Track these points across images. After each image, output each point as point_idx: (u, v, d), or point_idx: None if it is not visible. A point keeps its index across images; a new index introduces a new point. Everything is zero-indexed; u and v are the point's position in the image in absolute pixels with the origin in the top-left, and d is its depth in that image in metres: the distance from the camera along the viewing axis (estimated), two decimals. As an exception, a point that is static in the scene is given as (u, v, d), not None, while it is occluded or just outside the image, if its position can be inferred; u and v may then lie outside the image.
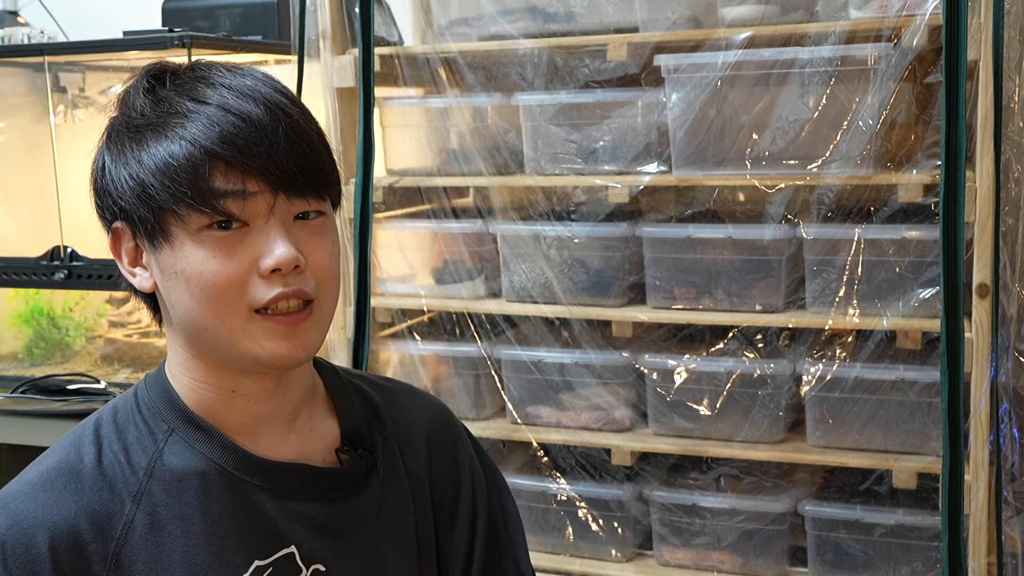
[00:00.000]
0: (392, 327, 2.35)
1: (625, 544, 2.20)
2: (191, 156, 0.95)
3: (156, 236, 0.98)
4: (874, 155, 1.92)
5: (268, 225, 0.97)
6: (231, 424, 1.03)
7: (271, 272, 0.96)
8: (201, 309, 0.97)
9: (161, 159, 0.95)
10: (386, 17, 2.34)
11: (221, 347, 0.99)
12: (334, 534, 1.05)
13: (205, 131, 0.95)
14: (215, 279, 0.96)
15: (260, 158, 0.95)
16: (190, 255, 0.96)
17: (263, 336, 0.97)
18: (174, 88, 1.00)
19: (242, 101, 0.97)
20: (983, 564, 1.86)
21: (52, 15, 3.13)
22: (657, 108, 2.08)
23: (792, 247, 2.04)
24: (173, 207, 0.95)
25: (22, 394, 2.47)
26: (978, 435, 1.84)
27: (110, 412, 1.05)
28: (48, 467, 1.00)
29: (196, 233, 0.96)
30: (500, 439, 2.32)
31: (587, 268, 2.18)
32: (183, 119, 0.96)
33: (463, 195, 2.36)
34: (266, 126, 0.96)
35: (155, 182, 0.95)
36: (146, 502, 0.98)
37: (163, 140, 0.96)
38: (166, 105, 0.98)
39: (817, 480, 2.16)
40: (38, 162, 2.70)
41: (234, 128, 0.95)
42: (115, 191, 0.99)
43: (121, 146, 0.99)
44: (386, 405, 1.16)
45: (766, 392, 2.06)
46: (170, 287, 0.99)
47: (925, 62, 1.93)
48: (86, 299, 2.79)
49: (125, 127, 1.00)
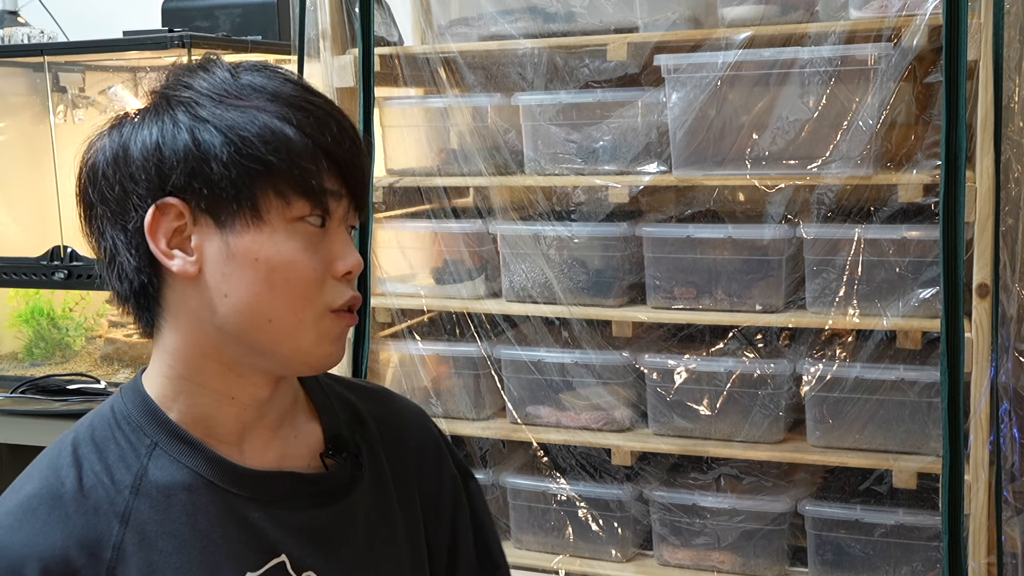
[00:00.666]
0: (392, 327, 2.35)
1: (625, 544, 2.20)
2: (305, 146, 0.95)
3: (241, 215, 0.94)
4: (874, 155, 1.92)
5: (339, 229, 0.99)
6: (219, 432, 1.01)
7: (343, 275, 0.98)
8: (276, 299, 0.95)
9: (279, 131, 0.94)
10: (386, 17, 2.34)
11: (275, 341, 0.97)
12: (323, 540, 1.04)
13: (317, 125, 0.96)
14: (306, 272, 0.96)
15: (352, 166, 0.98)
16: (282, 243, 0.95)
17: (326, 335, 0.98)
18: (250, 73, 0.98)
19: (330, 106, 0.99)
20: (983, 564, 1.86)
21: (52, 15, 3.13)
22: (657, 108, 2.08)
23: (792, 247, 2.04)
24: (283, 188, 0.94)
25: (22, 394, 2.47)
26: (978, 435, 1.84)
27: (87, 431, 1.01)
28: (28, 494, 0.96)
29: (292, 222, 0.95)
30: (500, 439, 2.32)
31: (587, 268, 2.18)
32: (286, 106, 0.95)
33: (463, 195, 2.36)
34: (354, 136, 0.99)
35: (273, 157, 0.93)
36: (134, 521, 0.95)
37: (273, 117, 0.95)
38: (258, 88, 0.96)
39: (817, 480, 2.16)
40: (38, 162, 2.71)
41: (338, 131, 0.97)
42: (177, 162, 0.94)
43: (194, 112, 0.95)
44: (366, 408, 1.15)
45: (766, 392, 2.06)
46: (234, 273, 0.95)
47: (925, 62, 1.94)
48: (86, 299, 2.79)
49: (202, 94, 0.96)
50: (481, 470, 2.31)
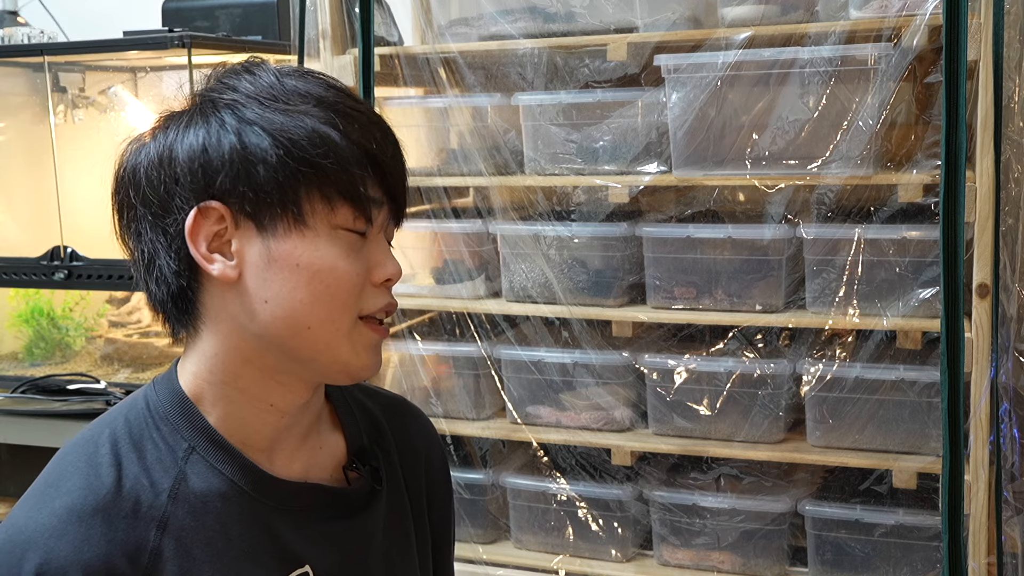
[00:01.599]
0: (392, 327, 2.35)
1: (625, 544, 2.20)
2: (353, 154, 0.95)
3: (284, 219, 0.94)
4: (874, 155, 1.92)
5: (379, 237, 1.00)
6: (253, 440, 1.01)
7: (383, 283, 0.99)
8: (315, 305, 0.95)
9: (328, 136, 0.94)
10: (386, 17, 2.34)
11: (315, 349, 0.96)
12: (346, 551, 1.04)
13: (364, 134, 0.96)
14: (347, 279, 0.95)
15: (394, 176, 0.99)
16: (324, 249, 0.95)
17: (362, 344, 0.98)
18: (295, 79, 0.98)
19: (374, 116, 0.99)
20: (983, 564, 1.86)
21: (52, 15, 3.13)
22: (657, 108, 2.08)
23: (792, 247, 2.04)
24: (331, 193, 0.94)
25: (22, 394, 2.47)
26: (978, 435, 1.84)
27: (124, 426, 0.99)
28: (72, 496, 0.94)
29: (333, 229, 0.95)
30: (500, 439, 2.32)
31: (587, 268, 2.18)
32: (333, 112, 0.95)
33: (463, 195, 2.36)
34: (395, 145, 0.99)
35: (325, 161, 0.93)
36: (171, 527, 0.95)
37: (320, 123, 0.94)
38: (302, 94, 0.96)
39: (817, 480, 2.16)
40: (38, 162, 2.70)
41: (383, 141, 0.98)
42: (226, 164, 0.94)
43: (242, 115, 0.95)
44: (384, 417, 1.16)
45: (766, 392, 2.06)
46: (276, 279, 0.95)
47: (925, 62, 1.93)
48: (86, 299, 2.79)
49: (248, 97, 0.96)
50: (481, 470, 2.31)
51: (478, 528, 2.31)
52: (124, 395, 2.40)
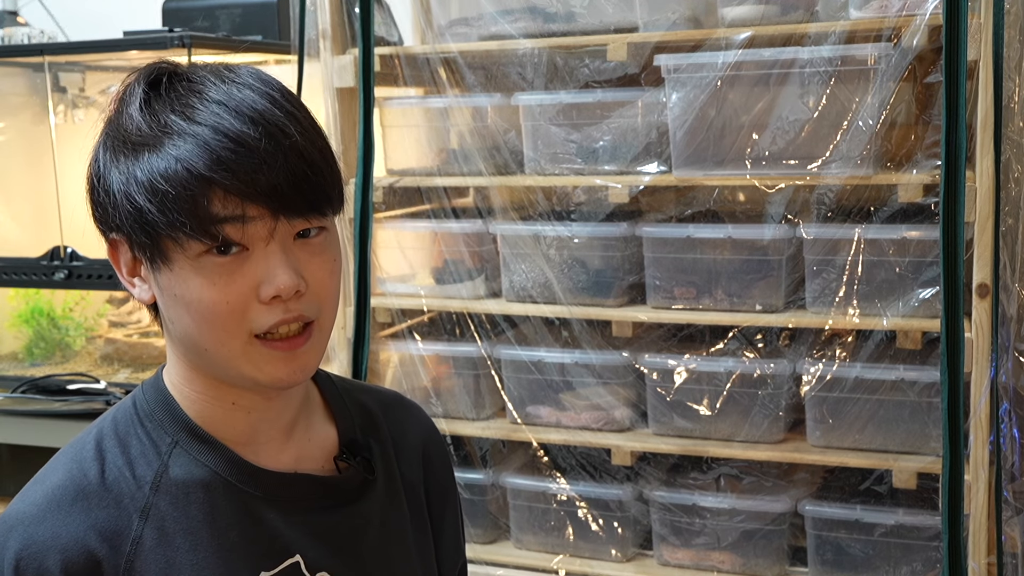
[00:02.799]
0: (392, 327, 2.35)
1: (625, 544, 2.20)
2: (187, 183, 0.91)
3: (155, 259, 0.95)
4: (874, 155, 1.92)
5: (268, 249, 0.94)
6: (232, 434, 1.02)
7: (272, 299, 0.94)
8: (200, 332, 0.95)
9: (158, 184, 0.92)
10: (386, 17, 2.34)
11: (220, 367, 0.97)
12: (337, 542, 1.05)
13: (200, 156, 0.91)
14: (215, 307, 0.93)
15: (258, 184, 0.92)
16: (189, 281, 0.94)
17: (262, 360, 0.96)
18: (169, 101, 0.95)
19: (238, 122, 0.92)
20: (983, 564, 1.86)
21: (52, 15, 3.13)
22: (657, 108, 2.08)
23: (792, 247, 2.04)
24: (171, 234, 0.92)
25: (22, 394, 2.47)
26: (978, 435, 1.84)
27: (111, 424, 1.03)
28: (53, 486, 0.98)
29: (195, 259, 0.93)
30: (500, 439, 2.32)
31: (587, 268, 2.18)
32: (178, 139, 0.92)
33: (463, 195, 2.36)
34: (264, 149, 0.92)
35: (152, 208, 0.92)
36: (154, 516, 0.97)
37: (158, 162, 0.92)
38: (160, 120, 0.94)
39: (817, 480, 2.16)
40: (38, 162, 2.70)
41: (231, 153, 0.91)
42: (111, 205, 0.95)
43: (116, 160, 0.95)
44: (381, 413, 1.16)
45: (766, 392, 2.06)
46: (169, 305, 0.97)
47: (925, 62, 1.93)
48: (86, 299, 2.79)
49: (121, 140, 0.96)
50: (481, 470, 2.31)
51: (478, 528, 2.31)
52: (124, 395, 2.40)
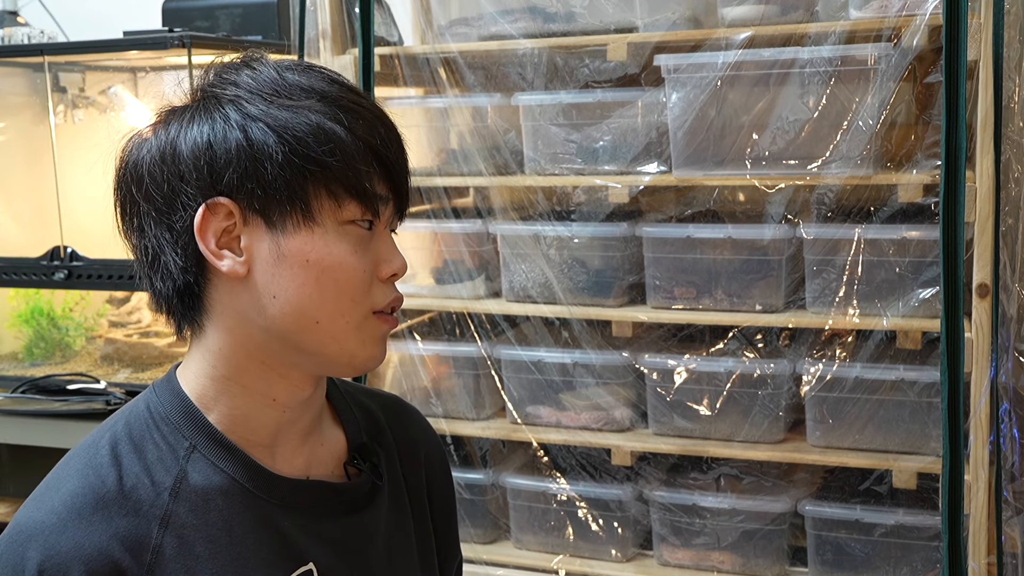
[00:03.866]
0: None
1: (625, 544, 2.20)
2: (358, 149, 0.95)
3: (292, 216, 0.94)
4: (874, 155, 1.92)
5: (385, 233, 1.01)
6: (257, 436, 1.01)
7: (388, 277, 1.00)
8: (324, 301, 0.95)
9: (333, 133, 0.94)
10: (386, 17, 2.34)
11: (322, 343, 0.97)
12: (349, 549, 1.04)
13: (368, 129, 0.97)
14: (356, 274, 0.96)
15: (397, 170, 1.00)
16: (333, 245, 0.95)
17: (370, 337, 0.99)
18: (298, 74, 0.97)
19: (376, 110, 1.00)
20: (983, 564, 1.86)
21: (52, 15, 3.13)
22: (657, 108, 2.08)
23: (792, 247, 2.04)
24: (334, 187, 0.94)
25: (22, 394, 2.47)
26: (978, 435, 1.84)
27: (124, 429, 1.00)
28: (71, 493, 0.95)
29: (342, 225, 0.96)
30: (500, 439, 2.32)
31: (587, 268, 2.18)
32: (336, 107, 0.95)
33: (463, 195, 2.36)
34: (398, 140, 1.01)
35: (325, 152, 0.93)
36: (174, 524, 0.95)
37: (325, 119, 0.94)
38: (305, 89, 0.96)
39: (817, 480, 2.16)
40: (38, 162, 2.70)
41: (387, 136, 0.99)
42: (241, 157, 0.93)
43: (243, 110, 0.94)
44: (384, 417, 1.16)
45: (766, 392, 2.06)
46: (284, 274, 0.95)
47: (925, 62, 1.94)
48: (86, 299, 2.79)
49: (251, 92, 0.95)
50: (481, 470, 2.31)
51: (478, 528, 2.31)
52: (124, 395, 2.41)
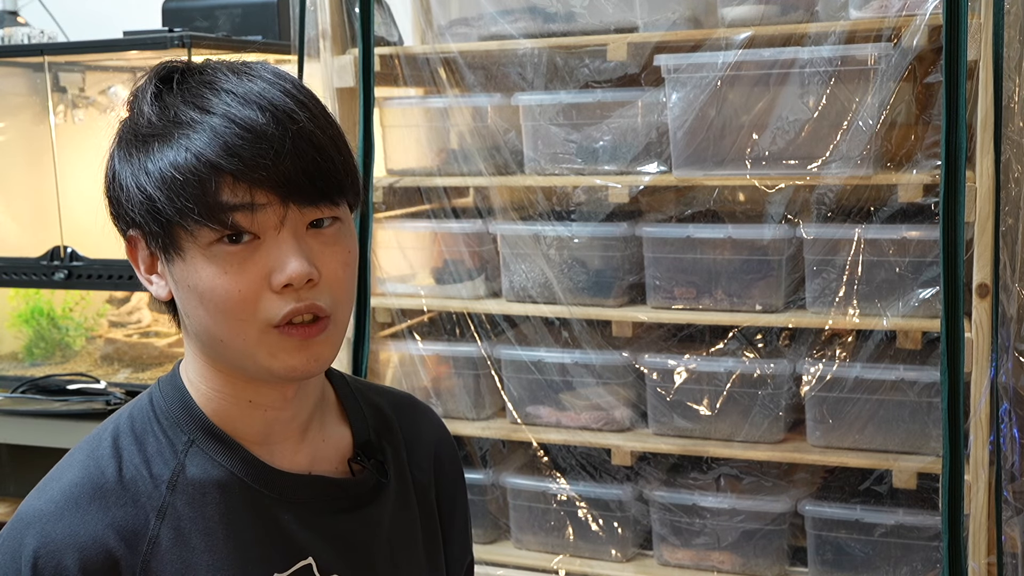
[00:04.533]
0: (392, 327, 2.35)
1: (625, 544, 2.20)
2: (196, 170, 0.92)
3: (168, 249, 0.96)
4: (874, 155, 1.92)
5: (280, 237, 0.94)
6: (248, 434, 1.02)
7: (283, 287, 0.94)
8: (216, 323, 0.95)
9: (167, 172, 0.93)
10: (386, 17, 2.34)
11: (237, 359, 0.97)
12: (350, 545, 1.05)
13: (209, 144, 0.92)
14: (227, 295, 0.93)
15: (266, 170, 0.92)
16: (201, 271, 0.94)
17: (278, 349, 0.95)
18: (180, 94, 0.96)
19: (247, 109, 0.93)
20: (983, 564, 1.86)
21: (52, 15, 3.13)
22: (657, 108, 2.08)
23: (792, 247, 2.04)
24: (181, 222, 0.93)
25: (22, 394, 2.47)
26: (978, 435, 1.84)
27: (127, 422, 1.02)
28: (70, 483, 0.98)
29: (207, 248, 0.93)
30: (500, 439, 2.32)
31: (587, 268, 2.18)
32: (188, 129, 0.93)
33: (463, 195, 2.36)
34: (272, 135, 0.93)
35: (161, 196, 0.93)
36: (170, 516, 0.97)
37: (168, 152, 0.93)
38: (171, 113, 0.95)
39: (817, 480, 2.16)
40: (38, 162, 2.70)
41: (239, 139, 0.92)
42: (126, 200, 0.96)
43: (129, 155, 0.96)
44: (394, 415, 1.16)
45: (766, 392, 2.06)
46: (184, 298, 0.97)
47: (925, 62, 1.93)
48: (86, 299, 2.79)
49: (133, 135, 0.97)
50: (481, 470, 2.31)
51: (478, 528, 2.31)
52: (124, 395, 2.40)
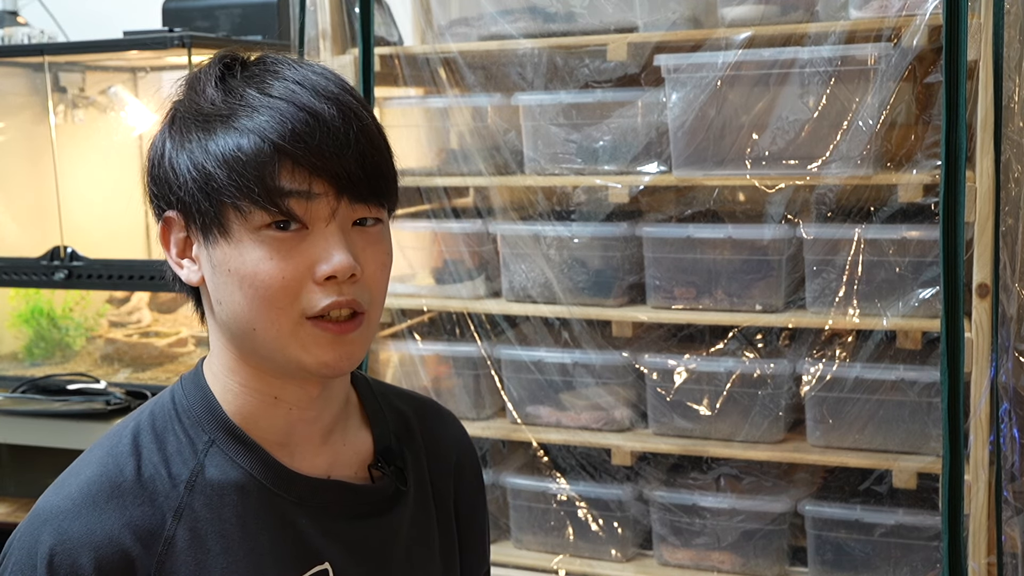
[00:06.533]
0: (392, 327, 2.35)
1: (625, 544, 2.20)
2: (259, 150, 0.92)
3: (212, 230, 0.95)
4: (874, 155, 1.92)
5: (328, 230, 0.94)
6: (270, 434, 1.01)
7: (326, 279, 0.94)
8: (252, 309, 0.94)
9: (228, 150, 0.93)
10: (386, 17, 2.34)
11: (268, 349, 0.96)
12: (367, 551, 1.04)
13: (275, 126, 0.93)
14: (271, 281, 0.93)
15: (328, 159, 0.93)
16: (247, 253, 0.94)
17: (312, 343, 0.95)
18: (244, 79, 0.97)
19: (313, 98, 0.94)
20: (983, 564, 1.86)
21: (52, 15, 3.13)
22: (657, 108, 2.08)
23: (792, 247, 2.04)
24: (237, 201, 0.93)
25: (22, 394, 2.47)
26: (978, 435, 1.84)
27: (148, 419, 1.02)
28: (88, 480, 0.97)
29: (256, 231, 0.93)
30: (500, 439, 2.32)
31: (587, 268, 2.18)
32: (252, 111, 0.94)
33: (463, 195, 2.36)
34: (337, 127, 0.94)
35: (220, 173, 0.93)
36: (187, 517, 0.96)
37: (231, 131, 0.93)
38: (236, 96, 0.95)
39: (817, 480, 2.16)
40: (38, 162, 2.70)
41: (305, 126, 0.93)
42: (175, 179, 0.96)
43: (186, 133, 0.96)
44: (416, 420, 1.15)
45: (766, 392, 2.06)
46: (220, 283, 0.96)
47: (925, 62, 1.94)
48: (86, 299, 2.79)
49: (193, 114, 0.97)
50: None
51: (478, 528, 2.31)
52: (124, 395, 2.40)
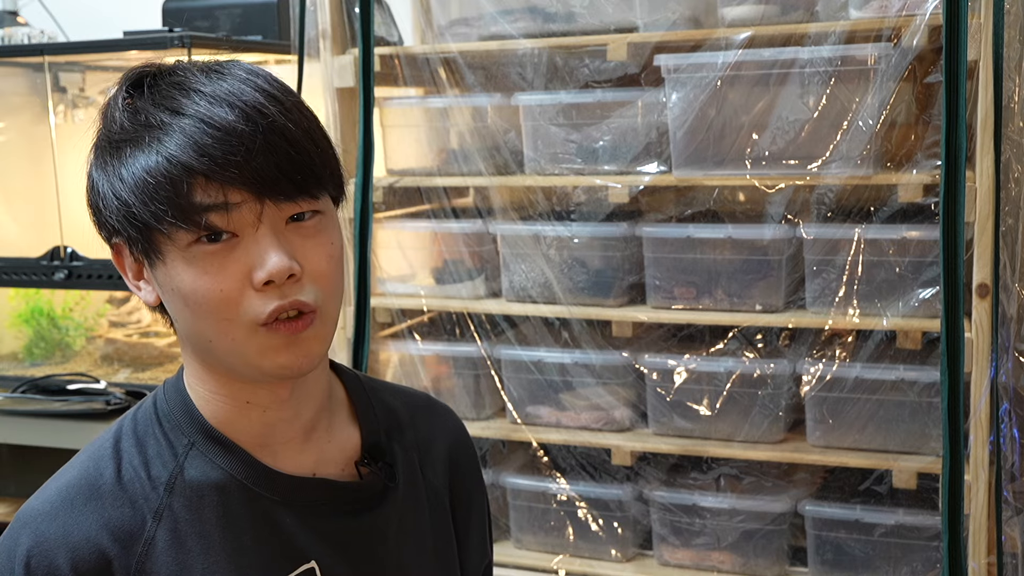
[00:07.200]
0: (392, 327, 2.35)
1: (625, 544, 2.20)
2: (168, 172, 0.91)
3: (149, 254, 0.95)
4: (874, 155, 1.92)
5: (258, 235, 0.93)
6: (248, 436, 1.01)
7: (265, 284, 0.92)
8: (202, 324, 0.95)
9: (139, 176, 0.92)
10: (386, 17, 2.34)
11: (228, 359, 0.96)
12: (354, 549, 1.03)
13: (180, 145, 0.91)
14: (210, 296, 0.93)
15: (238, 167, 0.91)
16: (183, 272, 0.93)
17: (268, 347, 0.94)
18: (151, 97, 0.96)
19: (216, 107, 0.92)
20: (983, 564, 1.86)
21: (52, 15, 3.13)
22: (657, 108, 2.08)
23: (792, 247, 2.04)
24: (157, 226, 0.92)
25: (22, 394, 2.47)
26: (978, 435, 1.84)
27: (130, 424, 1.03)
28: (67, 483, 0.98)
29: (185, 249, 0.93)
30: (500, 439, 2.32)
31: (587, 268, 2.18)
32: (159, 132, 0.93)
33: (463, 195, 2.36)
34: (242, 132, 0.92)
35: (136, 201, 0.92)
36: (167, 518, 0.97)
37: (140, 156, 0.93)
38: (142, 117, 0.94)
39: (817, 480, 2.16)
40: (38, 162, 2.70)
41: (209, 139, 0.91)
42: (105, 208, 0.96)
43: (104, 163, 0.96)
44: (408, 416, 1.15)
45: (766, 392, 2.06)
46: (170, 302, 0.97)
47: (925, 62, 1.94)
48: (86, 299, 2.79)
49: (107, 142, 0.97)
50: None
51: (478, 528, 2.31)
52: (124, 395, 2.40)
